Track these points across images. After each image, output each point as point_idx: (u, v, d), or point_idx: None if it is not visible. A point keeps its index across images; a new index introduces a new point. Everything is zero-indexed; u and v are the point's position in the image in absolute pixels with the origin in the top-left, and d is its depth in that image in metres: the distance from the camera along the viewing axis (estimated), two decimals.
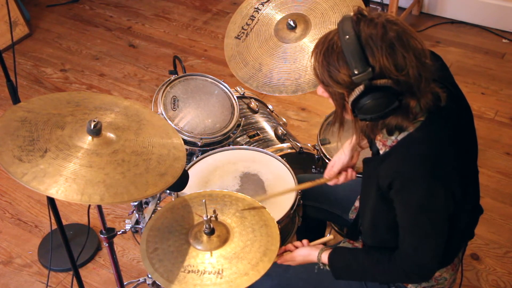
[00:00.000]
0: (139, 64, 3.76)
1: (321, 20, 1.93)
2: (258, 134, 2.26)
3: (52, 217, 1.87)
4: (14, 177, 1.30)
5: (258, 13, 2.04)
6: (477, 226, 1.60)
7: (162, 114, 2.07)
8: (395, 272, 1.48)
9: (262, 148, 2.09)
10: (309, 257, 1.61)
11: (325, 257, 1.57)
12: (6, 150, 1.33)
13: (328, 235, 1.75)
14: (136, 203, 1.89)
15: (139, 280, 2.22)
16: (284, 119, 2.52)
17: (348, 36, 1.25)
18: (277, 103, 3.31)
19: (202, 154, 2.06)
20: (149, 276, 2.03)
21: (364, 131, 1.38)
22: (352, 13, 1.30)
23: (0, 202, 2.82)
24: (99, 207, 1.65)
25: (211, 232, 1.51)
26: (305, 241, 1.65)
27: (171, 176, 1.46)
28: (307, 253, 1.61)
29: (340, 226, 2.25)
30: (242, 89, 2.42)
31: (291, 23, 1.93)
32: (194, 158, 2.06)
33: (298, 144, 2.20)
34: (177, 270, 1.45)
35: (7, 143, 1.35)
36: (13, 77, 1.98)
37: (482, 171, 1.76)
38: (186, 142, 2.05)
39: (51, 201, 1.85)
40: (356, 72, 1.25)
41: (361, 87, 1.26)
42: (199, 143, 2.08)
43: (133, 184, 1.38)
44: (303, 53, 1.92)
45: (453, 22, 3.94)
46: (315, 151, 2.23)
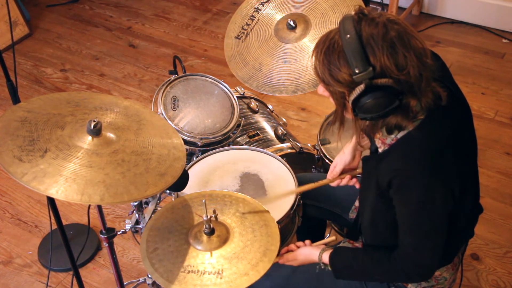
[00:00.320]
0: (139, 64, 3.76)
1: (321, 20, 1.93)
2: (258, 134, 2.26)
3: (52, 217, 1.87)
4: (14, 177, 1.30)
5: (258, 13, 2.04)
6: (477, 226, 1.60)
7: (162, 114, 2.07)
8: (395, 271, 1.48)
9: (262, 148, 2.09)
10: (310, 256, 1.61)
11: (326, 257, 1.58)
12: (6, 150, 1.33)
13: (329, 235, 1.76)
14: (136, 203, 1.89)
15: (139, 280, 2.22)
16: (284, 119, 2.52)
17: (349, 35, 1.25)
18: (277, 103, 3.31)
19: (202, 154, 2.06)
20: (149, 276, 2.03)
21: (364, 130, 1.39)
22: (353, 12, 1.30)
23: (0, 202, 2.82)
24: (99, 207, 1.65)
25: (211, 232, 1.51)
26: (307, 241, 1.66)
27: (171, 176, 1.46)
28: (308, 252, 1.62)
29: (340, 226, 2.25)
30: (242, 89, 2.42)
31: (291, 23, 1.93)
32: (194, 158, 2.06)
33: (298, 144, 2.20)
34: (177, 270, 1.45)
35: (7, 143, 1.35)
36: (13, 77, 1.98)
37: (482, 171, 1.77)
38: (186, 142, 2.05)
39: (51, 201, 1.84)
40: (357, 71, 1.25)
41: (362, 86, 1.26)
42: (199, 143, 2.08)
43: (133, 184, 1.38)
44: (303, 53, 1.92)
45: (453, 22, 3.94)
46: (315, 151, 2.23)
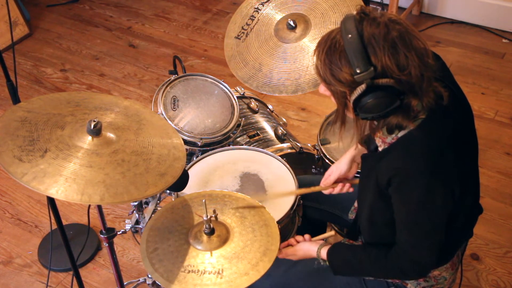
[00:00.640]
0: (139, 64, 3.76)
1: (321, 20, 1.93)
2: (258, 134, 2.26)
3: (52, 217, 1.87)
4: (14, 177, 1.30)
5: (258, 13, 2.04)
6: (477, 226, 1.60)
7: (162, 114, 2.07)
8: (392, 268, 1.48)
9: (262, 148, 2.09)
10: (309, 252, 1.62)
11: (324, 253, 1.58)
12: (6, 150, 1.33)
13: (330, 231, 1.76)
14: (136, 203, 1.89)
15: (139, 280, 2.22)
16: (284, 119, 2.52)
17: (350, 35, 1.25)
18: (277, 103, 3.31)
19: (202, 154, 2.06)
20: (149, 276, 2.02)
21: (365, 130, 1.39)
22: (355, 12, 1.30)
23: (0, 202, 2.82)
24: (99, 207, 1.65)
25: (211, 232, 1.51)
26: (307, 236, 1.66)
27: (171, 176, 1.46)
28: (307, 248, 1.62)
29: (340, 226, 2.25)
30: (242, 89, 2.42)
31: (291, 23, 1.93)
32: (194, 158, 2.06)
33: (298, 144, 2.20)
34: (177, 270, 1.45)
35: (7, 143, 1.35)
36: (13, 77, 1.98)
37: (482, 171, 1.77)
38: (186, 142, 2.04)
39: (51, 201, 1.84)
40: (358, 71, 1.25)
41: (363, 86, 1.26)
42: (199, 143, 2.08)
43: (133, 184, 1.38)
44: (303, 53, 1.92)
45: (453, 22, 3.94)
46: (315, 151, 2.23)
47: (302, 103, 3.33)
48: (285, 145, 2.21)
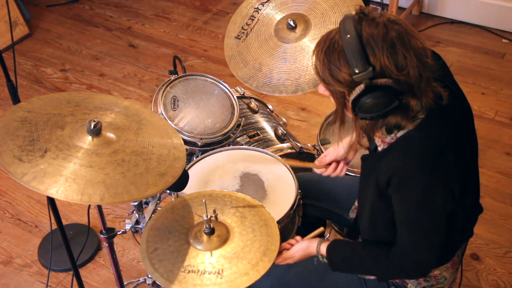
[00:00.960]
0: (139, 64, 3.76)
1: (321, 20, 1.93)
2: (258, 134, 2.26)
3: (52, 217, 1.87)
4: (14, 177, 1.30)
5: (258, 13, 2.04)
6: (477, 226, 1.60)
7: (162, 114, 2.07)
8: (392, 268, 1.48)
9: (262, 148, 2.09)
10: (308, 250, 1.60)
11: (323, 249, 1.57)
12: (6, 150, 1.33)
13: (318, 229, 1.75)
14: (136, 203, 1.89)
15: (139, 280, 2.22)
16: (284, 119, 2.52)
17: (349, 35, 1.26)
18: (277, 103, 3.31)
19: (202, 154, 2.06)
20: (149, 276, 2.02)
21: (364, 130, 1.39)
22: (354, 12, 1.30)
23: (0, 202, 2.82)
24: (99, 207, 1.65)
25: (211, 232, 1.51)
26: (298, 237, 1.65)
27: (171, 176, 1.46)
28: (305, 246, 1.61)
29: (340, 225, 2.25)
30: (242, 89, 2.42)
31: (291, 23, 1.93)
32: (194, 158, 2.06)
33: (298, 144, 2.20)
34: (177, 270, 1.45)
35: (7, 143, 1.35)
36: (13, 77, 1.98)
37: (482, 171, 1.77)
38: (186, 142, 2.04)
39: (51, 201, 1.85)
40: (356, 71, 1.25)
41: (362, 86, 1.27)
42: (199, 143, 2.08)
43: (133, 184, 1.38)
44: (303, 53, 1.92)
45: (453, 22, 3.94)
46: (315, 151, 2.23)
47: (302, 103, 3.33)
48: (285, 145, 2.22)
